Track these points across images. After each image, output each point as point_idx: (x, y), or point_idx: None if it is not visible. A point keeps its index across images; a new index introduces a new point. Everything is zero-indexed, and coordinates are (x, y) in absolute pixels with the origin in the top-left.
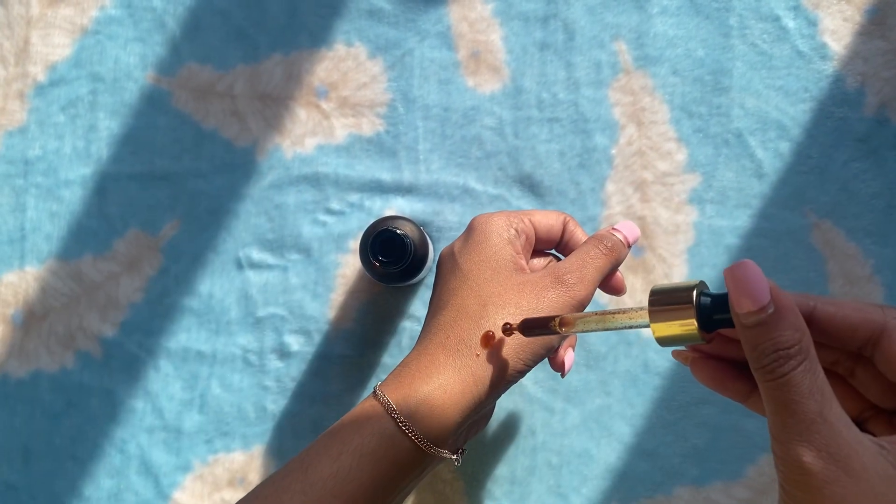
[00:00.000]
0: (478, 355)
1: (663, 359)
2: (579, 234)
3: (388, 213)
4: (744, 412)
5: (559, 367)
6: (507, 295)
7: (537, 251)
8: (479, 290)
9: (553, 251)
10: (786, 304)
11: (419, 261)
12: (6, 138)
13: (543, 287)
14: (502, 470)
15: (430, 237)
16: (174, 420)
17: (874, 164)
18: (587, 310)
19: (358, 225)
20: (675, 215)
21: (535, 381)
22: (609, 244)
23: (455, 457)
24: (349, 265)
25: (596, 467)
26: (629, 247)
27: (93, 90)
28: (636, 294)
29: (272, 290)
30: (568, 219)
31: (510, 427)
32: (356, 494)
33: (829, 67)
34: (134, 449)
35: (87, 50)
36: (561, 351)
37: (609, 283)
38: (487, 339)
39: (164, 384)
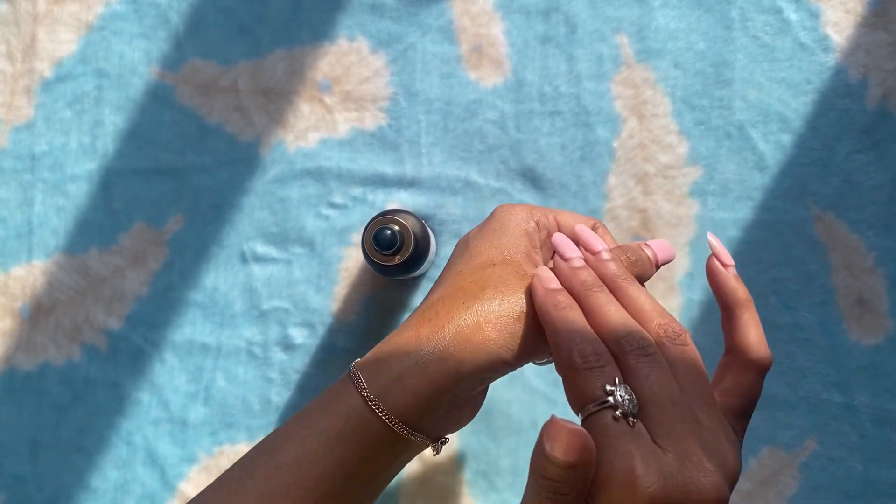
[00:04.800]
0: (463, 336)
1: None
2: (609, 241)
3: (391, 206)
4: None
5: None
6: (510, 284)
7: None
8: (481, 273)
9: None
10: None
11: (421, 254)
12: (13, 134)
13: None
14: (505, 462)
15: (432, 230)
16: (180, 412)
17: (877, 156)
18: None
19: (361, 218)
20: (676, 208)
21: (538, 374)
22: (633, 258)
23: (432, 444)
24: (352, 258)
25: None
26: (657, 266)
27: (98, 86)
28: None
29: (276, 284)
30: (598, 225)
31: (513, 419)
32: (323, 477)
33: (832, 59)
34: (140, 441)
35: (92, 46)
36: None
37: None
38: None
39: (169, 377)
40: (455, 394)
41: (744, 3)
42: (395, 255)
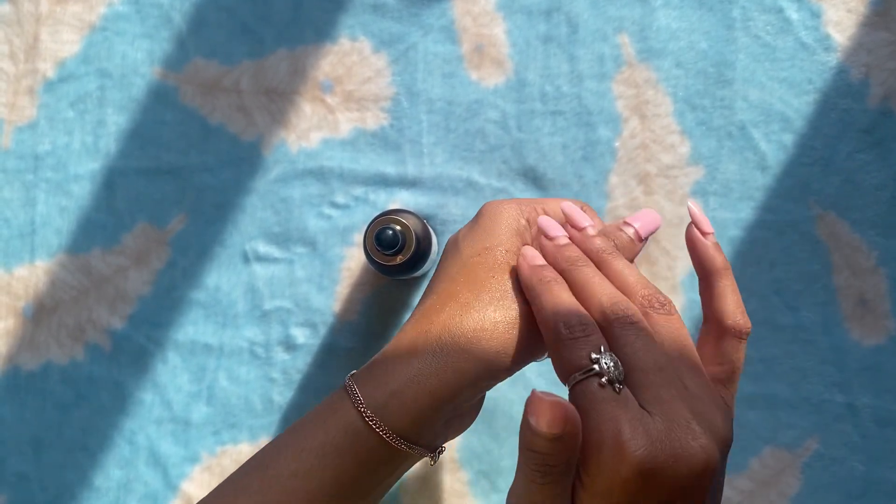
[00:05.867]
0: (461, 346)
1: None
2: (596, 222)
3: (393, 206)
4: (747, 405)
5: None
6: (504, 288)
7: None
8: (475, 278)
9: None
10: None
11: (423, 254)
12: (16, 134)
13: None
14: (507, 462)
15: (434, 230)
16: (182, 412)
17: (879, 155)
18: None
19: (363, 218)
20: (678, 208)
21: (539, 374)
22: (617, 243)
23: (430, 455)
24: (354, 258)
25: None
26: (644, 240)
27: (101, 86)
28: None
29: (278, 283)
30: (586, 207)
31: (515, 419)
32: (318, 492)
33: (833, 59)
34: (143, 440)
35: (95, 46)
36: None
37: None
38: None
39: (172, 376)
40: (455, 405)
41: (745, 3)
42: (397, 255)
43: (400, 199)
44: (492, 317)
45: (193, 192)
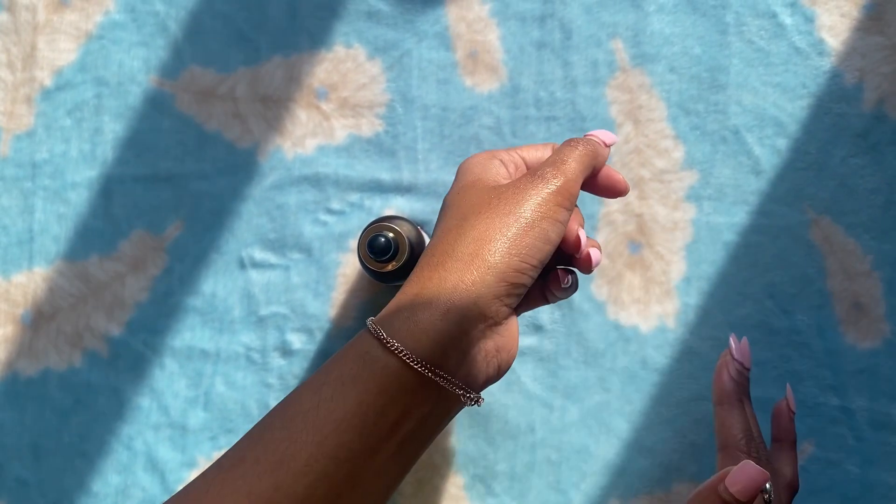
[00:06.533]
0: (470, 264)
1: (662, 355)
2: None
3: (388, 212)
4: None
5: (584, 259)
6: (488, 202)
7: None
8: (459, 209)
9: None
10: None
11: (417, 260)
12: (14, 142)
13: (523, 186)
14: (502, 466)
15: (428, 236)
16: (179, 417)
17: (873, 159)
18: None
19: (358, 224)
20: (672, 212)
21: (534, 379)
22: (583, 140)
23: (463, 390)
24: (350, 264)
25: (595, 463)
26: (608, 146)
27: (98, 94)
28: (634, 291)
29: (274, 289)
30: (557, 146)
31: (510, 423)
32: (341, 423)
33: (827, 63)
34: (140, 446)
35: (92, 54)
36: (576, 234)
37: (602, 183)
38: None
39: (169, 382)
40: (477, 325)
41: (739, 8)
42: (390, 261)
43: (395, 205)
44: (484, 227)
45: (190, 199)
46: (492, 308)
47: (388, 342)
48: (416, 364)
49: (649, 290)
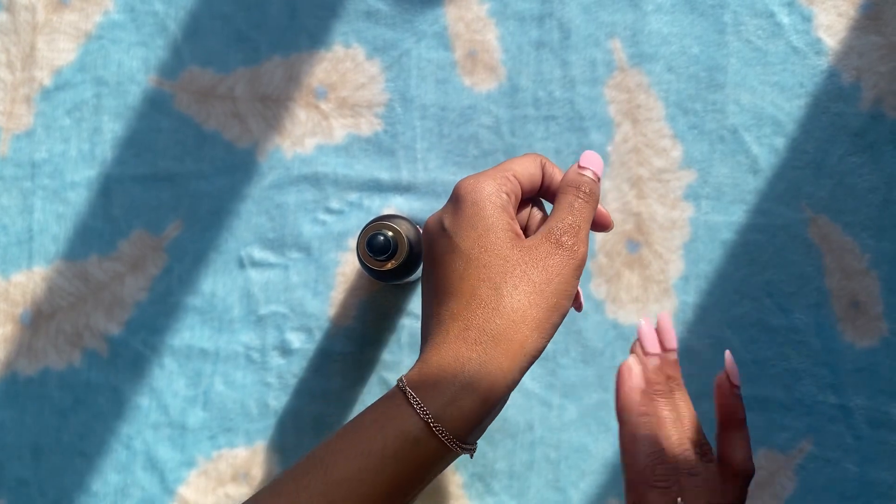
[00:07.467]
0: (500, 345)
1: None
2: (557, 174)
3: (387, 211)
4: None
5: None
6: (515, 272)
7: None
8: (486, 271)
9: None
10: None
11: (415, 259)
12: (14, 142)
13: (546, 255)
14: (501, 464)
15: None
16: (179, 417)
17: (870, 158)
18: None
19: (357, 223)
20: (671, 211)
21: (533, 377)
22: (587, 189)
23: (472, 450)
24: (349, 263)
25: (594, 462)
26: (599, 180)
27: (97, 94)
28: (632, 290)
29: (273, 289)
30: (544, 161)
31: (509, 422)
32: (378, 495)
33: (824, 63)
34: (140, 445)
35: (91, 54)
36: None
37: (595, 221)
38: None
39: (168, 381)
40: (504, 401)
41: (737, 8)
42: (389, 260)
43: (394, 205)
44: (517, 306)
45: (189, 198)
46: (515, 385)
47: (437, 428)
48: (454, 446)
49: (648, 289)
